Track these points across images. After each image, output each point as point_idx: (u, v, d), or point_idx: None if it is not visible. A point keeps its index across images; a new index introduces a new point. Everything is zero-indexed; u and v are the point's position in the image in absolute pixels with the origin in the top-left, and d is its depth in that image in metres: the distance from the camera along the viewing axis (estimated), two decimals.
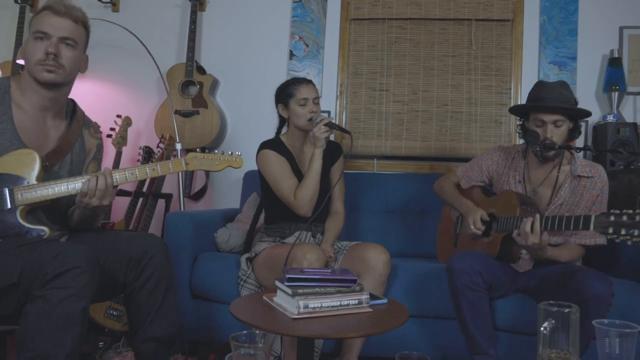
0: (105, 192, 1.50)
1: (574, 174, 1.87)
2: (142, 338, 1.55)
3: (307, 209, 2.00)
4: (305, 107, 2.08)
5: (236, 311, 1.29)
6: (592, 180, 1.85)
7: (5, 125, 1.46)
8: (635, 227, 1.38)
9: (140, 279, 1.51)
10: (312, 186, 2.00)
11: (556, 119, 1.81)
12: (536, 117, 1.84)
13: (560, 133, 1.83)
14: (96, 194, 1.48)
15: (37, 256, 1.26)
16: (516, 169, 1.97)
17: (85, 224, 1.60)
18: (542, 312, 1.15)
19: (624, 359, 1.11)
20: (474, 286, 1.68)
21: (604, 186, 1.85)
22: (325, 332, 1.19)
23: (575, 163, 1.89)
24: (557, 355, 1.14)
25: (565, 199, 1.86)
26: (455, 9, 2.88)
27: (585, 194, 1.85)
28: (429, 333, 1.96)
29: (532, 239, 1.63)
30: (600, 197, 1.84)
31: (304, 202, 1.99)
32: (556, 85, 1.86)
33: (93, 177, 1.49)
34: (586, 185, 1.85)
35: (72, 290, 1.22)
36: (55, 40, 1.49)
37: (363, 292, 1.33)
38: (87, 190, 1.47)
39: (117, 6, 3.15)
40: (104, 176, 1.50)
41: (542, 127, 1.83)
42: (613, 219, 1.43)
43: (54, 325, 1.22)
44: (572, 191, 1.86)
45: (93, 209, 1.53)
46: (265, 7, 3.04)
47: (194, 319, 2.11)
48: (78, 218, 1.59)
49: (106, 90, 3.10)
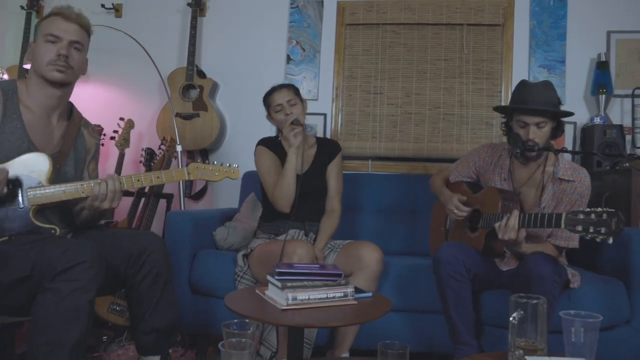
0: (115, 195, 1.60)
1: (555, 177, 1.90)
2: (143, 330, 1.64)
3: (283, 205, 2.10)
4: (281, 112, 2.16)
5: (230, 303, 1.38)
6: (573, 184, 1.87)
7: (15, 124, 1.56)
8: (602, 225, 1.46)
9: (140, 274, 1.60)
10: (286, 184, 2.08)
11: (539, 120, 1.83)
12: (519, 119, 1.87)
13: (542, 134, 1.86)
14: (107, 197, 1.58)
15: (47, 251, 1.35)
16: (502, 167, 2.02)
17: (90, 222, 1.70)
18: (512, 303, 1.24)
19: (587, 346, 1.20)
20: (457, 276, 1.76)
21: (584, 191, 1.87)
22: (311, 322, 1.29)
23: (558, 165, 1.91)
24: (526, 344, 1.22)
25: (547, 202, 1.90)
26: (447, 14, 2.97)
27: (564, 198, 1.88)
28: (418, 326, 2.04)
29: (509, 234, 1.71)
30: (579, 202, 1.87)
31: (278, 198, 2.10)
32: (539, 86, 1.88)
33: (103, 182, 1.58)
34: (566, 190, 1.88)
35: (80, 283, 1.32)
36: (66, 43, 1.61)
37: (348, 286, 1.42)
38: (98, 194, 1.57)
39: (120, 12, 3.25)
40: (112, 180, 1.59)
41: (525, 129, 1.86)
42: (582, 217, 1.51)
43: (62, 315, 1.31)
44: (554, 194, 1.90)
45: (101, 211, 1.63)
46: (263, 13, 3.13)
47: (193, 313, 2.20)
48: (85, 217, 1.69)
49: (110, 93, 3.20)
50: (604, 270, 2.12)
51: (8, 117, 1.55)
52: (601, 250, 2.19)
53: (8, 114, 1.55)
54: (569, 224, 1.54)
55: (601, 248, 2.19)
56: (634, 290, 1.94)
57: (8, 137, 1.54)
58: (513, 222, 1.70)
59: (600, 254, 2.19)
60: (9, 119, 1.55)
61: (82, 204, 1.65)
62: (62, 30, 1.61)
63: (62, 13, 1.63)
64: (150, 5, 3.22)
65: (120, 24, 3.14)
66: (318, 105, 3.03)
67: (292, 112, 2.14)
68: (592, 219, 1.48)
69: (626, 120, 2.81)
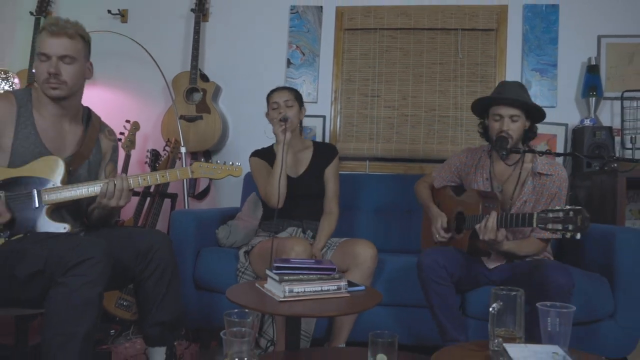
0: (122, 194, 1.69)
1: (535, 172, 2.01)
2: (150, 323, 1.74)
3: (274, 200, 2.17)
4: (277, 110, 2.28)
5: (231, 295, 1.48)
6: (551, 178, 1.99)
7: (30, 130, 1.66)
8: (569, 222, 1.56)
9: (148, 270, 1.70)
10: (274, 180, 2.18)
11: (513, 113, 1.96)
12: (495, 112, 2.00)
13: (516, 128, 1.98)
14: (114, 196, 1.68)
15: (59, 247, 1.46)
16: (483, 168, 2.13)
17: (103, 221, 1.81)
18: (493, 295, 1.33)
19: (562, 335, 1.29)
20: (439, 280, 1.86)
21: (562, 184, 1.99)
22: (306, 312, 1.39)
23: (536, 161, 2.03)
24: (506, 333, 1.32)
25: (528, 197, 2.02)
26: (442, 19, 3.06)
27: (544, 191, 2.00)
28: (409, 321, 2.14)
29: (489, 234, 1.81)
30: (559, 194, 1.98)
31: (269, 195, 2.20)
32: (514, 85, 2.04)
33: (111, 181, 1.68)
34: (546, 183, 1.99)
35: (89, 278, 1.42)
36: (54, 61, 1.64)
37: (341, 280, 1.52)
38: (106, 192, 1.67)
39: (126, 17, 3.35)
40: (120, 180, 1.69)
41: (500, 121, 1.98)
42: (551, 215, 1.61)
43: (73, 308, 1.41)
44: (534, 189, 2.01)
45: (110, 209, 1.73)
46: (264, 18, 3.23)
47: (197, 308, 2.30)
48: (97, 216, 1.79)
49: (116, 97, 3.31)
50: (588, 267, 2.21)
51: (22, 124, 1.65)
52: (585, 247, 2.28)
53: (22, 121, 1.65)
54: (540, 222, 1.64)
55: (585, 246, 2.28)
56: (618, 285, 2.03)
57: (22, 142, 1.64)
58: (491, 223, 1.80)
59: (585, 252, 2.28)
60: (23, 126, 1.65)
61: (94, 204, 1.75)
62: (49, 47, 1.64)
63: (49, 29, 1.64)
64: (154, 11, 3.32)
65: (126, 29, 3.23)
66: (317, 108, 3.13)
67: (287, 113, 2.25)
68: (560, 217, 1.58)
69: (616, 122, 2.90)
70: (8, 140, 1.62)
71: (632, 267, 2.01)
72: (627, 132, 2.84)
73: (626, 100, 2.85)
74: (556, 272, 1.77)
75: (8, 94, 1.70)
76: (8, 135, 1.63)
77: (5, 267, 1.48)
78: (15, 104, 1.66)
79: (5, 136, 1.63)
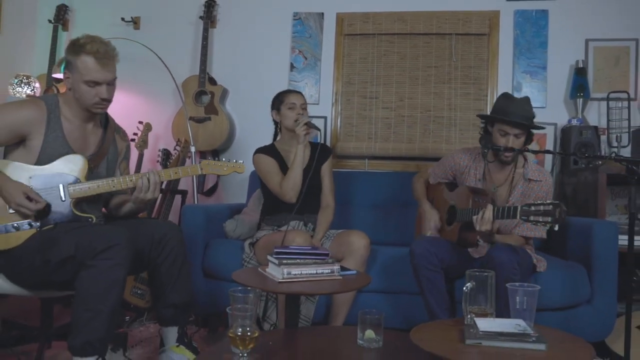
0: (156, 186, 1.89)
1: (525, 177, 2.21)
2: (164, 304, 1.93)
3: (291, 195, 2.37)
4: (293, 110, 2.47)
5: (237, 277, 1.67)
6: (540, 184, 2.19)
7: (57, 133, 1.85)
8: (549, 215, 1.73)
9: (161, 256, 1.89)
10: (294, 175, 2.37)
11: (518, 132, 2.14)
12: (501, 128, 2.15)
13: (519, 143, 2.16)
14: (150, 188, 1.87)
15: (88, 235, 1.65)
16: (477, 168, 2.30)
17: (133, 214, 2.01)
18: (467, 276, 1.50)
19: (528, 311, 1.45)
20: (430, 266, 2.03)
21: (549, 189, 2.20)
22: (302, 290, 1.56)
23: (527, 167, 2.23)
24: (479, 309, 1.49)
25: (516, 199, 2.20)
26: (437, 24, 3.22)
27: (532, 195, 2.19)
28: (400, 306, 2.30)
29: (485, 225, 1.97)
30: (545, 198, 2.16)
31: (287, 189, 2.37)
32: (521, 102, 2.16)
33: (144, 176, 1.87)
34: (534, 188, 2.20)
35: (116, 261, 1.61)
36: (105, 88, 1.82)
37: (335, 264, 1.70)
38: (142, 186, 1.86)
39: (138, 24, 3.53)
40: (153, 174, 1.88)
41: (505, 137, 2.14)
42: (533, 208, 1.78)
43: (102, 287, 1.60)
44: (523, 192, 2.21)
45: (146, 202, 1.91)
46: (268, 24, 3.40)
47: (205, 295, 2.47)
48: (128, 210, 1.99)
49: (129, 99, 3.49)
50: (570, 257, 2.37)
51: (51, 128, 1.83)
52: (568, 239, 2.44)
53: (51, 125, 1.83)
54: (523, 215, 1.81)
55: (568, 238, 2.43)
56: (595, 273, 2.19)
57: (51, 144, 1.83)
58: (488, 214, 1.96)
59: (567, 243, 2.44)
60: (52, 129, 1.84)
61: (124, 199, 1.94)
62: (102, 76, 1.78)
63: (98, 59, 1.76)
64: (165, 18, 3.50)
65: (138, 35, 3.41)
66: (319, 109, 3.30)
67: (304, 114, 2.46)
68: (541, 210, 1.75)
69: (602, 122, 3.04)
70: (37, 142, 1.81)
71: (607, 256, 2.17)
72: (612, 131, 2.98)
73: (612, 101, 2.99)
74: (499, 251, 1.96)
75: (38, 101, 1.87)
76: (38, 138, 1.81)
77: (40, 253, 1.67)
78: (45, 110, 1.83)
79: (35, 138, 1.81)
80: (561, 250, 2.46)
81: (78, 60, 1.79)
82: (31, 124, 1.80)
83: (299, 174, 2.38)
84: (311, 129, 2.39)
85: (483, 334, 1.28)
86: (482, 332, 1.28)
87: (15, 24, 3.45)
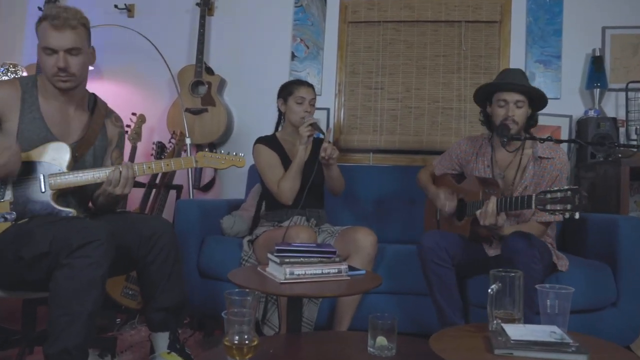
0: (127, 182, 1.72)
1: (535, 156, 2.02)
2: (153, 308, 1.76)
3: (288, 198, 2.22)
4: (301, 105, 2.30)
5: (234, 278, 1.51)
6: (552, 161, 2.00)
7: (34, 114, 1.69)
8: (568, 202, 1.56)
9: (151, 255, 1.72)
10: (292, 178, 2.21)
11: (518, 98, 1.98)
12: (499, 98, 2.01)
13: (520, 114, 1.99)
14: (120, 183, 1.70)
15: (64, 230, 1.48)
16: (484, 155, 2.14)
17: (107, 208, 1.83)
18: (492, 276, 1.34)
19: (561, 316, 1.30)
20: (440, 261, 1.87)
21: (563, 167, 1.99)
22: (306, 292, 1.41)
23: (536, 147, 2.04)
24: (504, 314, 1.33)
25: (529, 181, 2.02)
26: (446, 11, 3.06)
27: (546, 174, 2.00)
28: (409, 308, 2.15)
29: (489, 219, 1.81)
30: (560, 177, 1.98)
31: (284, 191, 2.22)
32: (517, 71, 2.07)
33: (117, 169, 1.70)
34: (547, 167, 2.00)
35: (93, 259, 1.44)
36: (62, 55, 1.62)
37: (342, 263, 1.54)
38: (112, 179, 1.70)
39: (133, 12, 3.39)
40: (126, 168, 1.72)
41: (505, 107, 1.99)
42: (550, 196, 1.61)
43: (78, 288, 1.43)
44: (535, 173, 2.02)
45: (115, 197, 1.75)
46: (268, 12, 3.25)
47: (201, 296, 2.32)
48: (101, 203, 1.82)
49: (122, 89, 3.34)
50: (590, 255, 2.21)
51: (27, 108, 1.68)
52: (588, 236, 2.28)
53: (27, 106, 1.68)
54: (539, 204, 1.65)
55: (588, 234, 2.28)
56: (621, 273, 2.03)
57: (28, 126, 1.67)
58: (491, 207, 1.81)
59: (587, 240, 2.29)
60: (28, 110, 1.68)
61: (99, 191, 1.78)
62: (55, 41, 1.60)
63: (51, 22, 1.59)
64: (160, 5, 3.36)
65: (133, 23, 3.27)
66: (321, 101, 3.13)
67: (311, 112, 2.31)
68: (559, 197, 1.58)
69: (620, 113, 2.89)
70: (13, 124, 1.65)
71: (635, 256, 2.01)
72: (631, 123, 2.83)
73: (631, 92, 2.84)
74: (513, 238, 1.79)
75: (13, 80, 1.73)
76: (13, 120, 1.65)
77: (12, 249, 1.51)
78: (19, 89, 1.68)
79: (10, 120, 1.65)
80: (580, 248, 2.30)
81: (39, 29, 1.65)
82: (4, 104, 1.65)
83: (298, 178, 2.23)
84: (315, 130, 2.24)
85: (514, 343, 1.12)
86: (513, 341, 1.13)
87: (4, 12, 3.30)
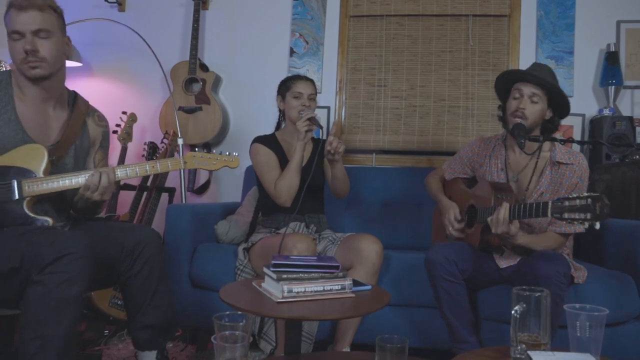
0: (107, 188, 1.57)
1: (553, 160, 1.87)
2: (138, 326, 1.62)
3: (285, 199, 2.07)
4: (299, 100, 2.16)
5: (225, 296, 1.36)
6: (571, 167, 1.84)
7: (9, 115, 1.54)
8: (588, 211, 1.41)
9: (134, 268, 1.58)
10: (289, 177, 2.07)
11: (534, 91, 1.83)
12: (516, 87, 1.87)
13: (533, 110, 1.84)
14: (98, 190, 1.55)
15: (36, 242, 1.33)
16: (497, 157, 1.99)
17: (87, 213, 1.68)
18: (515, 296, 1.19)
19: (593, 341, 1.15)
20: (450, 277, 1.72)
21: (582, 174, 1.84)
22: (306, 314, 1.26)
23: (554, 150, 1.89)
24: (529, 338, 1.18)
25: (545, 188, 1.87)
26: (452, 5, 2.91)
27: (564, 181, 1.85)
28: (418, 322, 2.01)
29: (501, 227, 1.66)
30: (580, 184, 1.83)
31: (282, 192, 2.07)
32: (545, 67, 1.92)
33: (96, 174, 1.55)
34: (565, 173, 1.85)
35: (68, 275, 1.29)
36: (29, 37, 1.50)
37: (346, 278, 1.39)
38: (90, 184, 1.55)
39: (124, 6, 3.24)
40: (106, 174, 1.56)
41: (518, 99, 1.85)
42: (567, 204, 1.46)
43: (50, 308, 1.29)
44: (552, 179, 1.87)
45: (94, 202, 1.60)
46: (266, 6, 3.10)
47: (193, 307, 2.17)
48: (79, 208, 1.67)
49: (112, 87, 3.19)
50: (610, 264, 2.07)
51: (1, 108, 1.53)
52: (606, 244, 2.14)
53: (1, 105, 1.53)
54: (556, 212, 1.50)
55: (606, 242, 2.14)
56: None
57: (2, 128, 1.52)
58: (503, 214, 1.66)
59: (606, 249, 2.14)
60: (3, 110, 1.53)
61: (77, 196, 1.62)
62: (20, 23, 1.50)
63: (16, 4, 1.50)
64: None
65: (124, 18, 3.13)
66: (321, 98, 2.98)
67: (310, 107, 2.17)
68: (577, 205, 1.44)
69: (637, 112, 2.75)
70: None
71: None
72: None
73: None
74: (543, 261, 1.65)
75: None
76: None
77: None
78: None
79: None
80: (597, 257, 2.16)
81: (6, 17, 1.53)
82: None
83: (296, 176, 2.08)
84: (314, 125, 2.09)
85: None
86: None
87: None
